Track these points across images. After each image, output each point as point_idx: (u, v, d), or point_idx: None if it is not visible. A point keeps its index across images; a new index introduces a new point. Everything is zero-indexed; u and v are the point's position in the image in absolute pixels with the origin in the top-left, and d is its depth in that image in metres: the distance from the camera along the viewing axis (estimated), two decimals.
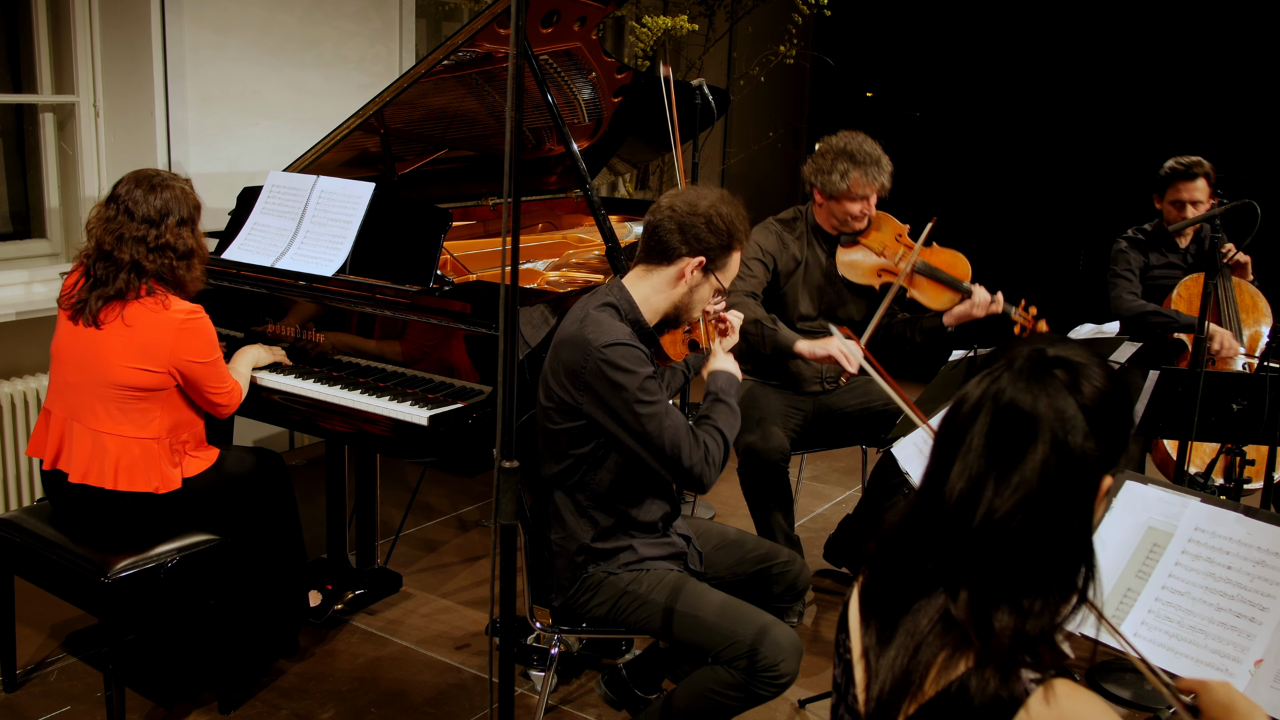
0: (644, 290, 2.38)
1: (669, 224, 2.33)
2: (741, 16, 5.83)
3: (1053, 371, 1.23)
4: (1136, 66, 6.09)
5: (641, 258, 2.40)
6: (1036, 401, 1.21)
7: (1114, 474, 1.26)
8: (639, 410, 2.21)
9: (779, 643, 2.17)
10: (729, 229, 2.33)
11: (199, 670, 2.93)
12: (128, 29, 3.89)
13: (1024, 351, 1.26)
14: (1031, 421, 1.21)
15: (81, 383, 2.60)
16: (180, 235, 2.62)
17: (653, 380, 2.25)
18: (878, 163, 3.27)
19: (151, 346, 2.56)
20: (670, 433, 2.22)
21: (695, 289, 2.37)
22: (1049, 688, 1.17)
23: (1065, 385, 1.22)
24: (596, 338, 2.24)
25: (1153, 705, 2.97)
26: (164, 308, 2.58)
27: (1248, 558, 1.88)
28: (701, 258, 2.33)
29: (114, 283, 2.56)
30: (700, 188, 2.43)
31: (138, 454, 2.60)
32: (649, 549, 2.39)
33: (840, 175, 3.24)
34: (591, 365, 2.22)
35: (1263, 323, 3.68)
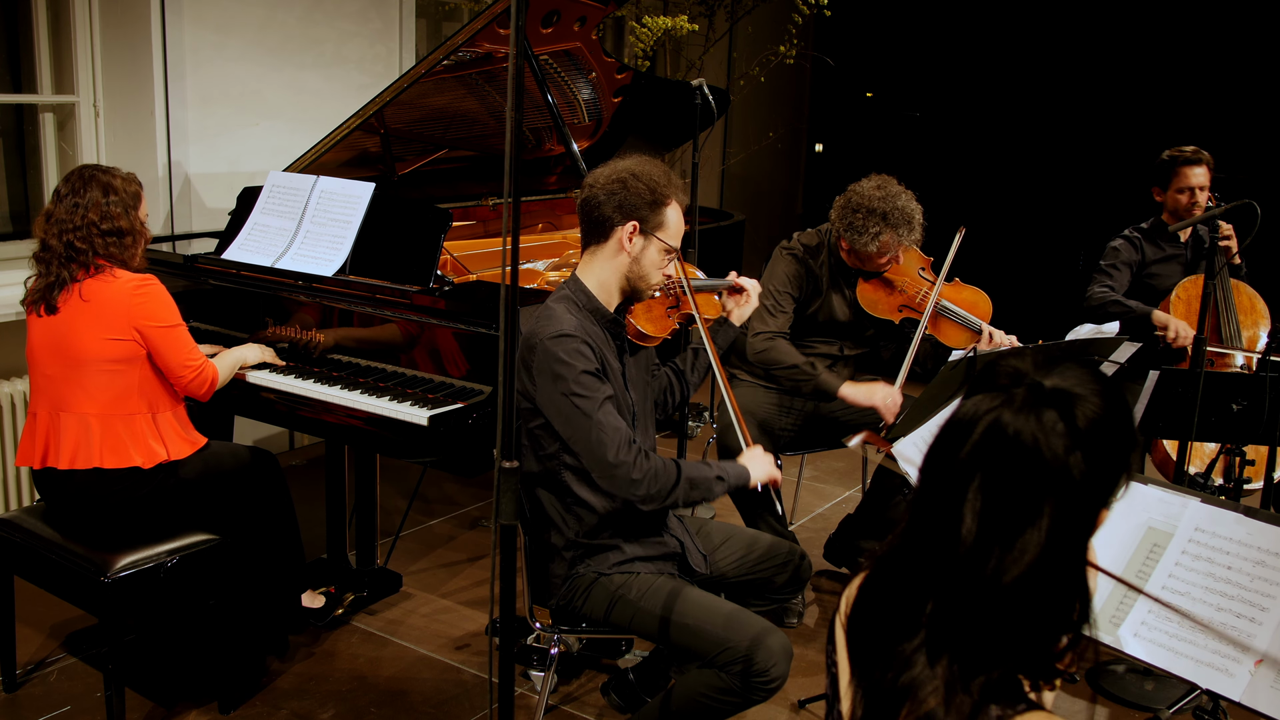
0: (594, 274, 2.37)
1: (594, 199, 2.33)
2: (741, 16, 5.83)
3: (1053, 403, 1.15)
4: (1136, 67, 6.09)
5: (584, 243, 2.41)
6: (1038, 444, 1.14)
7: (1109, 506, 1.19)
8: (573, 402, 2.21)
9: (772, 649, 2.17)
10: (650, 186, 2.31)
11: (199, 670, 2.93)
12: (128, 29, 3.89)
13: (1022, 384, 1.18)
14: (1037, 459, 1.14)
15: (59, 372, 2.65)
16: (107, 213, 2.67)
17: (590, 376, 2.24)
18: (910, 221, 3.13)
19: (110, 314, 2.62)
20: (598, 430, 2.20)
21: (640, 256, 2.35)
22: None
23: (1063, 420, 1.14)
24: (544, 329, 2.26)
25: (1153, 705, 2.97)
26: (114, 278, 2.64)
27: (1248, 558, 1.88)
28: (634, 222, 2.32)
29: (56, 269, 2.63)
30: (618, 158, 2.41)
31: (120, 429, 2.64)
32: (638, 549, 2.38)
33: (871, 237, 3.12)
34: (538, 357, 2.25)
35: (1260, 325, 3.67)
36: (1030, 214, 6.49)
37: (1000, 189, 6.54)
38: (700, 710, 2.22)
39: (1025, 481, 1.14)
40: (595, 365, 2.26)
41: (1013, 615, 1.14)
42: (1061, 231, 6.37)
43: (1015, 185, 6.51)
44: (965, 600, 1.15)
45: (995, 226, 6.32)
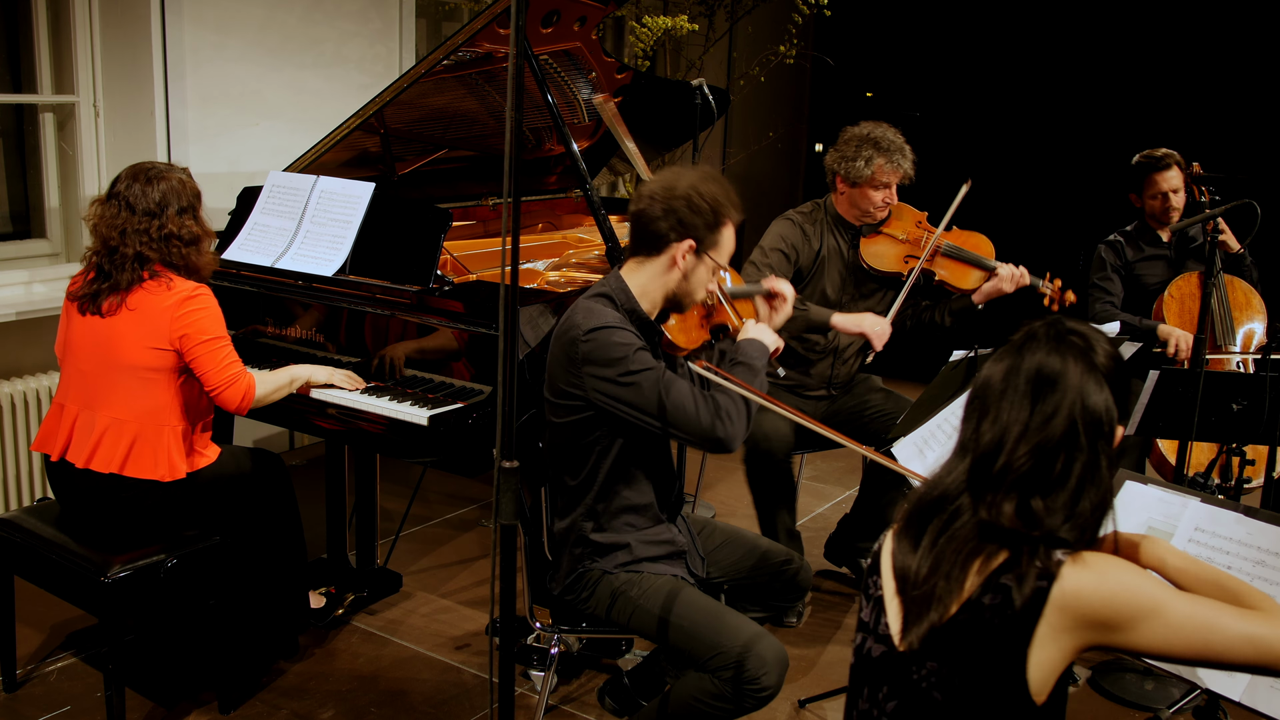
0: (639, 281, 2.35)
1: (652, 211, 2.29)
2: (741, 16, 5.83)
3: (1069, 339, 1.48)
4: (1136, 67, 6.09)
5: (632, 250, 2.37)
6: (1065, 363, 1.46)
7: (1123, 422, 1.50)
8: (635, 379, 2.19)
9: (763, 656, 2.16)
10: (713, 206, 2.28)
11: (199, 670, 2.93)
12: (128, 29, 3.89)
13: (1043, 324, 1.51)
14: (1057, 379, 1.45)
15: (96, 370, 2.63)
16: (183, 224, 2.65)
17: (644, 352, 2.23)
18: (901, 150, 3.28)
19: (156, 324, 2.58)
20: (675, 394, 2.19)
21: (691, 273, 2.33)
22: (1078, 557, 1.40)
23: (1082, 350, 1.46)
24: (584, 323, 2.24)
25: (1153, 705, 2.97)
26: (167, 289, 2.60)
27: (1248, 558, 1.88)
28: (690, 240, 2.28)
29: (121, 275, 2.59)
30: (678, 168, 2.38)
31: (150, 440, 2.62)
32: (646, 549, 2.38)
33: (865, 162, 3.25)
34: (582, 350, 2.22)
35: (1256, 319, 3.66)
36: (1030, 214, 6.49)
37: (1000, 188, 6.54)
38: (694, 716, 2.21)
39: (1051, 386, 1.46)
40: (643, 343, 2.26)
41: (1043, 474, 1.45)
42: (1062, 231, 6.37)
43: (1015, 185, 6.50)
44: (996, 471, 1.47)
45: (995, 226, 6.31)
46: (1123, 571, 1.41)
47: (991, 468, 1.47)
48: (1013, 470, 1.45)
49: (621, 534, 2.37)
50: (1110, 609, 1.38)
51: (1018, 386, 1.47)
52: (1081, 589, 1.38)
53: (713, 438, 2.21)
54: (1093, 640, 1.41)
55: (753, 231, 5.10)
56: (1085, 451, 1.44)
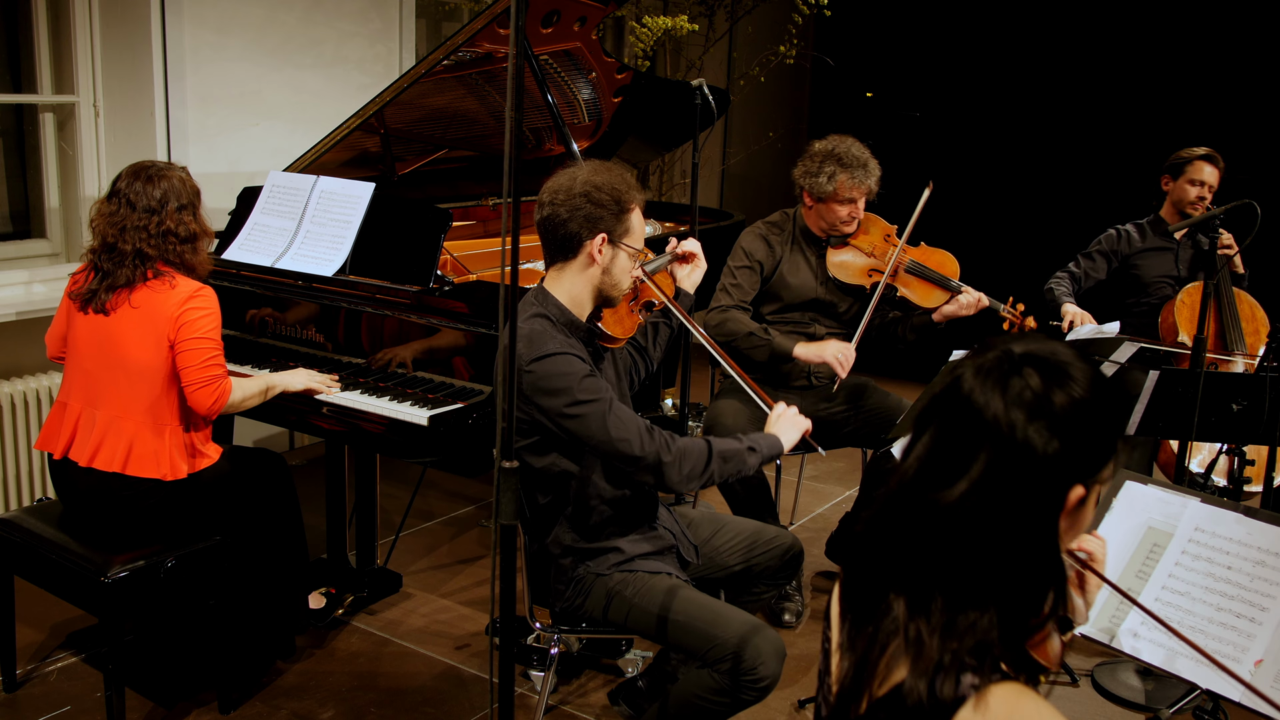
0: (565, 288, 2.34)
1: (557, 215, 2.28)
2: (741, 16, 5.83)
3: (1021, 370, 1.18)
4: (1136, 67, 6.09)
5: (549, 259, 2.36)
6: (989, 400, 1.17)
7: (1089, 484, 1.19)
8: (581, 410, 2.19)
9: (760, 647, 2.16)
10: (613, 195, 2.28)
11: (199, 670, 2.93)
12: (128, 29, 3.89)
13: (994, 348, 1.22)
14: (978, 418, 1.17)
15: (99, 369, 2.63)
16: (182, 220, 2.66)
17: (591, 379, 2.23)
18: (865, 166, 3.28)
19: (158, 323, 2.59)
20: (616, 427, 2.20)
21: (611, 265, 2.33)
22: (982, 695, 1.11)
23: (1031, 385, 1.17)
24: (527, 353, 2.22)
25: (1153, 705, 2.97)
26: (170, 288, 2.61)
27: (1248, 558, 1.88)
28: (602, 234, 2.29)
29: (120, 272, 2.60)
30: (567, 168, 2.37)
31: (152, 439, 2.62)
32: (636, 546, 2.38)
33: (827, 178, 3.26)
34: (528, 380, 2.21)
35: (1262, 333, 3.71)
36: (1030, 214, 6.49)
37: (1000, 189, 6.54)
38: (695, 712, 2.22)
39: (972, 424, 1.18)
40: (589, 369, 2.25)
41: (963, 548, 1.17)
42: (1062, 231, 6.37)
43: (1015, 185, 6.51)
44: (920, 525, 1.19)
45: (995, 226, 6.32)
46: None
47: (916, 516, 1.20)
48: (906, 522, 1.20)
49: (610, 540, 2.38)
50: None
51: (941, 419, 1.21)
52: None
53: (659, 472, 2.22)
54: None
55: None
56: (1006, 511, 1.15)
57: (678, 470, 2.23)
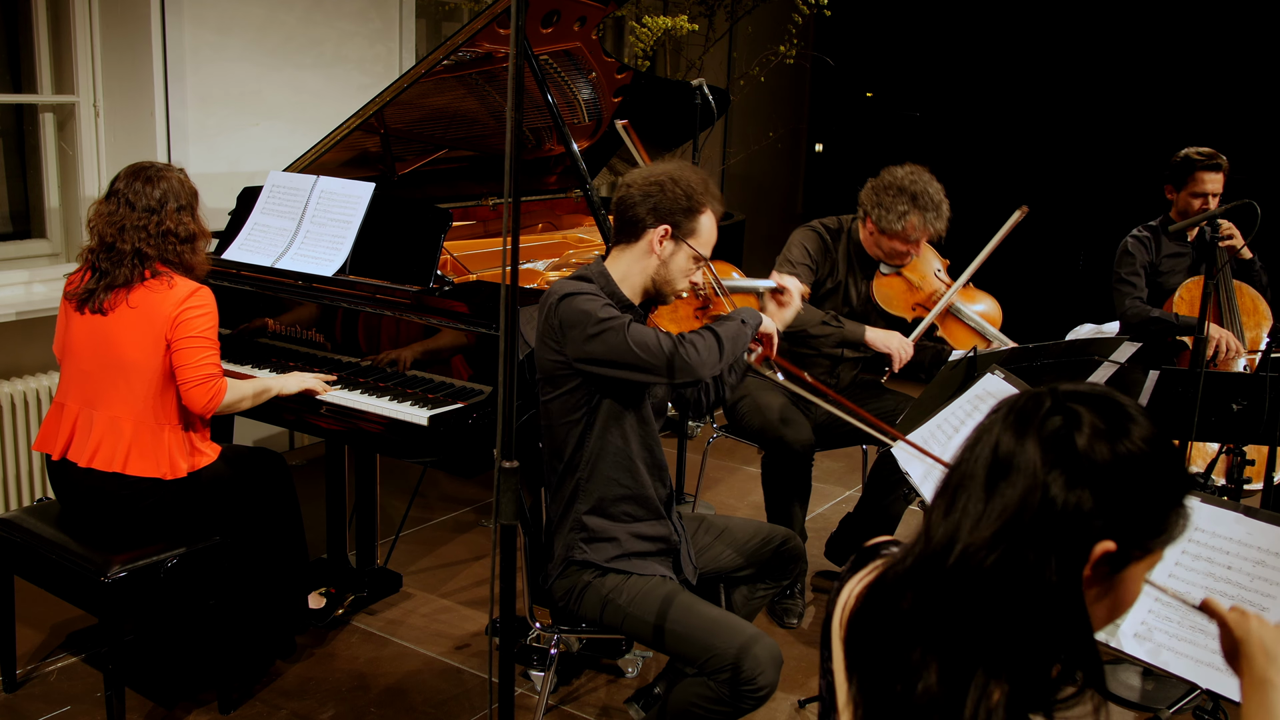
0: (620, 267, 2.38)
1: (630, 198, 2.34)
2: (741, 16, 5.83)
3: (1059, 413, 1.11)
4: (1136, 67, 6.09)
5: (614, 239, 2.41)
6: (1023, 443, 1.10)
7: (1125, 545, 1.10)
8: (603, 326, 2.21)
9: (759, 658, 2.16)
10: (688, 192, 2.32)
11: (199, 670, 2.93)
12: (128, 29, 3.89)
13: (1031, 393, 1.15)
14: (1009, 462, 1.11)
15: (96, 369, 2.63)
16: (181, 220, 2.66)
17: (611, 307, 2.26)
18: (938, 209, 3.18)
19: (156, 323, 2.59)
20: (637, 333, 2.21)
21: (669, 260, 2.35)
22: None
23: (1068, 430, 1.09)
24: (558, 291, 2.29)
25: (1153, 705, 2.97)
26: (168, 288, 2.61)
27: (1248, 558, 1.88)
28: (666, 226, 2.32)
29: (118, 272, 2.60)
30: (659, 161, 2.43)
31: (151, 438, 2.62)
32: (636, 543, 2.38)
33: (898, 216, 3.16)
34: (558, 316, 2.26)
35: (1264, 326, 3.68)
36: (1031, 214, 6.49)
37: (1000, 189, 6.54)
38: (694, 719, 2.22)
39: (1003, 468, 1.11)
40: (611, 305, 2.28)
41: (987, 609, 1.09)
42: (1062, 231, 6.37)
43: (1015, 185, 6.50)
44: (944, 580, 1.12)
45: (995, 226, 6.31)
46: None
47: (943, 565, 1.13)
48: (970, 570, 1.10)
49: (615, 522, 2.37)
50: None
51: (975, 473, 1.14)
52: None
53: (679, 365, 2.22)
54: None
55: (752, 231, 5.10)
56: (1030, 572, 1.07)
57: (693, 353, 2.23)
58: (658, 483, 2.43)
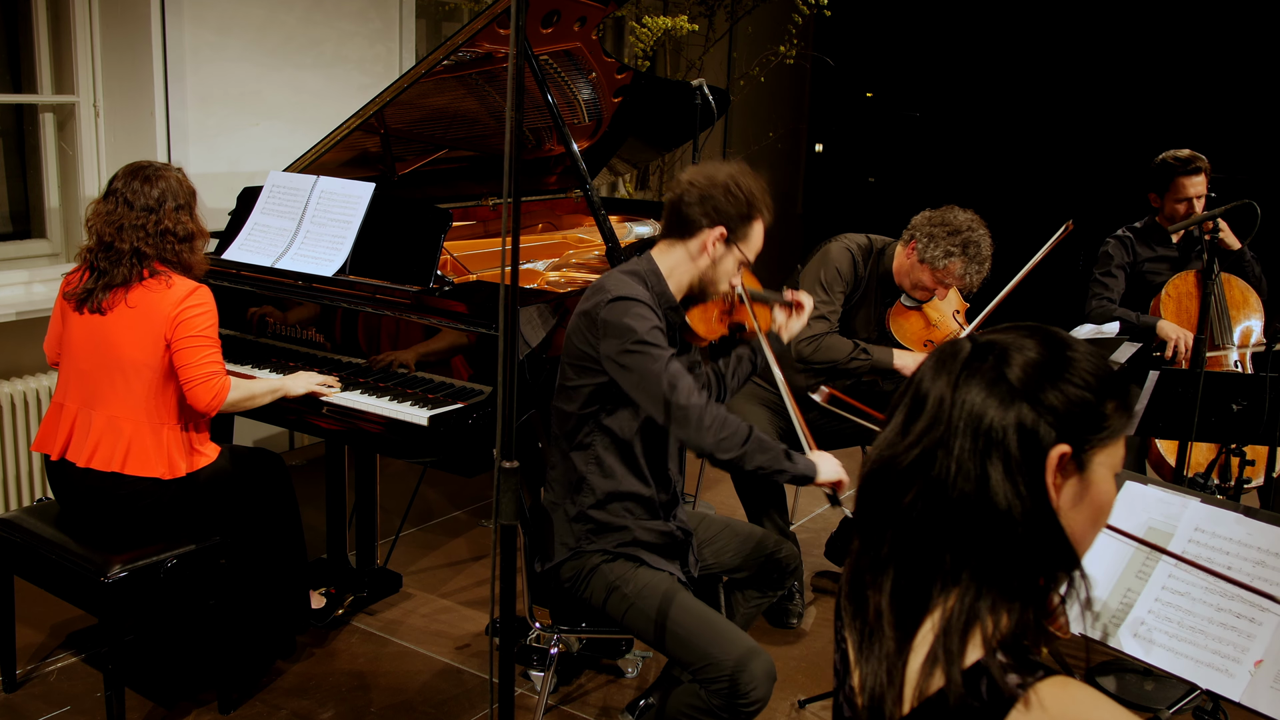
0: (669, 263, 2.39)
1: (689, 197, 2.34)
2: (741, 17, 5.83)
3: (980, 357, 1.17)
4: (1136, 67, 6.09)
5: (665, 233, 2.42)
6: (938, 380, 1.18)
7: (1078, 446, 1.15)
8: (643, 350, 2.22)
9: (756, 673, 2.17)
10: (748, 199, 2.34)
11: (199, 670, 2.93)
12: (128, 29, 3.89)
13: (955, 346, 1.21)
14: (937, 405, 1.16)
15: (95, 368, 2.63)
16: (179, 220, 2.66)
17: (659, 332, 2.27)
18: (982, 264, 3.21)
19: (155, 322, 2.59)
20: (670, 376, 2.21)
21: (718, 261, 2.37)
22: (1031, 693, 1.07)
23: (987, 368, 1.16)
24: (613, 289, 2.28)
25: (1153, 705, 2.97)
26: (167, 287, 2.61)
27: (1248, 558, 1.88)
28: (722, 228, 2.33)
29: (117, 271, 2.59)
30: (719, 162, 2.43)
31: (149, 438, 2.62)
32: (645, 534, 2.37)
33: (945, 254, 3.17)
34: (604, 313, 2.26)
35: (1254, 317, 3.66)
36: (1031, 214, 6.49)
37: (1000, 189, 6.54)
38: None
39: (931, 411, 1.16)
40: (661, 324, 2.29)
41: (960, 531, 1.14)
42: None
43: (1015, 185, 6.51)
44: (913, 514, 1.16)
45: (995, 226, 6.31)
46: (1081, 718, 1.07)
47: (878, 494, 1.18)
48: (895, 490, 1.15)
49: (620, 518, 2.37)
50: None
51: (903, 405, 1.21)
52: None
53: (697, 427, 2.22)
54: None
55: None
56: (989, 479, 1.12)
57: (715, 433, 2.23)
58: (660, 488, 2.43)
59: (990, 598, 1.13)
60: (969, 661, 1.11)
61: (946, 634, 1.13)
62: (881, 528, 1.20)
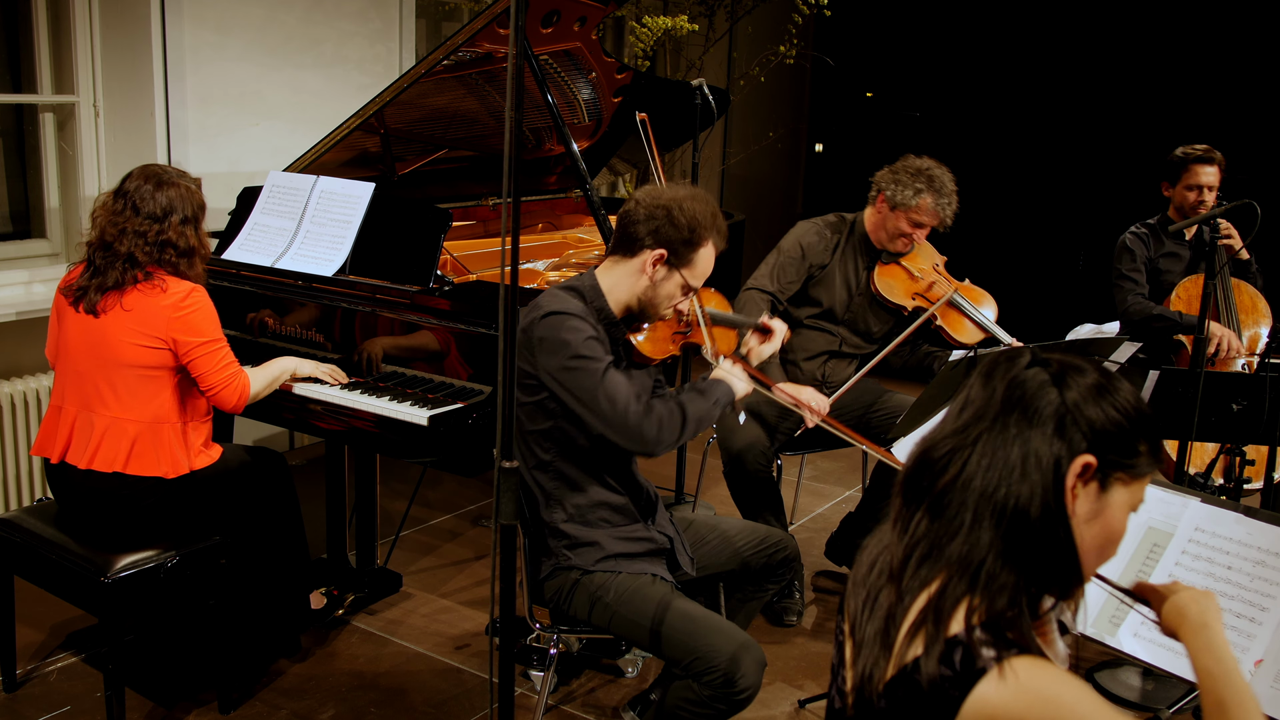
0: (610, 279, 2.37)
1: (635, 215, 2.33)
2: (741, 16, 5.83)
3: (1039, 366, 1.27)
4: (1136, 66, 6.09)
5: (610, 249, 2.41)
6: (988, 385, 1.28)
7: (1106, 464, 1.23)
8: (579, 365, 2.22)
9: (748, 666, 2.17)
10: (691, 224, 2.30)
11: (199, 670, 2.93)
12: (128, 29, 3.89)
13: (1015, 353, 1.31)
14: (984, 402, 1.27)
15: (92, 370, 2.62)
16: (183, 233, 2.65)
17: (595, 342, 2.26)
18: (950, 198, 3.28)
19: (151, 323, 2.58)
20: (608, 386, 2.21)
21: (659, 284, 2.34)
22: (1005, 665, 1.15)
23: (1039, 376, 1.26)
24: (546, 304, 2.28)
25: (1153, 705, 2.97)
26: (162, 290, 2.60)
27: (1248, 558, 1.88)
28: (663, 250, 2.31)
29: (111, 273, 2.59)
30: (673, 184, 2.41)
31: (151, 438, 2.62)
32: (619, 544, 2.37)
33: (914, 193, 3.25)
34: (537, 330, 2.25)
35: (1262, 323, 3.67)
36: (1030, 214, 6.49)
37: (1000, 189, 6.54)
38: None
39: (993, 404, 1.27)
40: (596, 334, 2.28)
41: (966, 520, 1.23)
42: (1062, 231, 6.37)
43: (1015, 185, 6.51)
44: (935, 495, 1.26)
45: (995, 226, 6.32)
46: (1051, 695, 1.14)
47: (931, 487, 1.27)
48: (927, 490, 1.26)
49: (595, 529, 2.37)
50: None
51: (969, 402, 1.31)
52: (994, 712, 1.14)
53: (638, 436, 2.23)
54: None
55: (752, 230, 5.11)
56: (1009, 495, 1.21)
57: (654, 432, 2.25)
58: (632, 491, 2.43)
59: (987, 582, 1.21)
60: (949, 634, 1.19)
61: (937, 606, 1.21)
62: (914, 507, 1.29)
